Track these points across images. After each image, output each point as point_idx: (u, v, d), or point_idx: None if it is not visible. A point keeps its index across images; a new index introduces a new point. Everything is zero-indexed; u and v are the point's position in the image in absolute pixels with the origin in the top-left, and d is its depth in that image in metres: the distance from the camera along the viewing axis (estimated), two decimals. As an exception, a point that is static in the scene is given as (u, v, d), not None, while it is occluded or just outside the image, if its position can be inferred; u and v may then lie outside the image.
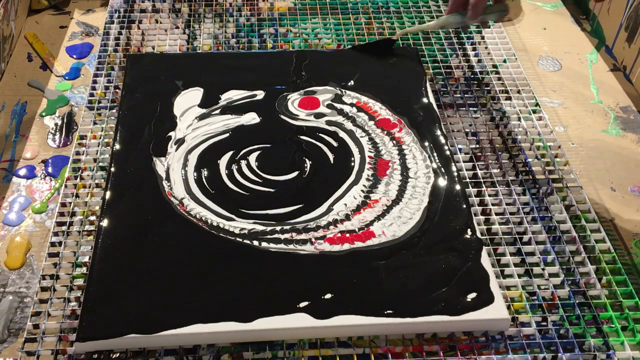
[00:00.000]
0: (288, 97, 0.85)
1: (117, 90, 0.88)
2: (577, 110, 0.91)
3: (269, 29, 1.00)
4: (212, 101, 0.84)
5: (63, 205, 0.73)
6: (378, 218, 0.70)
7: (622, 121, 0.90)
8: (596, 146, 0.86)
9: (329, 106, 0.84)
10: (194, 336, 0.60)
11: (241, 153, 0.77)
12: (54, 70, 0.96)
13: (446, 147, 0.78)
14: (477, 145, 0.81)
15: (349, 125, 0.81)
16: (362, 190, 0.73)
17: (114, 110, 0.85)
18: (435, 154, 0.77)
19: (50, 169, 0.81)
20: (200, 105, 0.83)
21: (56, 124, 0.87)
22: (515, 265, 0.69)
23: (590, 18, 1.08)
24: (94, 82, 0.89)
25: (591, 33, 1.06)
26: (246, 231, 0.68)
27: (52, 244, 0.70)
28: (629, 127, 0.89)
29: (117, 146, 0.77)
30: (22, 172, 0.80)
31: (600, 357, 0.61)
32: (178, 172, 0.75)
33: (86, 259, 0.68)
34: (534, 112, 0.86)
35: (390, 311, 0.62)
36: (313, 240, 0.68)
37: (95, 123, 0.83)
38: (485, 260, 0.66)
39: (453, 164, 0.76)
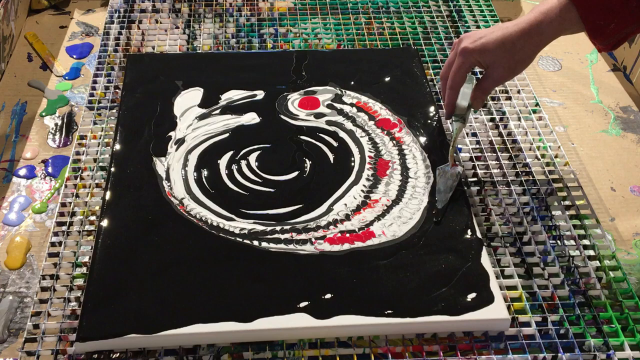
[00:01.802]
0: (288, 97, 0.85)
1: (117, 90, 0.88)
2: (577, 110, 0.91)
3: (269, 29, 1.00)
4: (212, 101, 0.84)
5: (63, 205, 0.73)
6: (378, 218, 0.70)
7: (622, 121, 0.90)
8: (596, 146, 0.86)
9: (329, 106, 0.84)
10: (194, 336, 0.60)
11: (241, 153, 0.77)
12: (54, 70, 0.96)
13: (446, 147, 0.78)
14: (477, 145, 0.81)
15: (349, 125, 0.81)
16: (362, 190, 0.73)
17: (114, 110, 0.85)
18: (435, 154, 0.77)
19: (50, 169, 0.81)
20: (200, 105, 0.83)
21: (56, 124, 0.87)
22: (515, 265, 0.69)
23: (590, 18, 1.08)
24: (94, 82, 0.89)
25: (591, 33, 1.06)
26: (246, 231, 0.68)
27: (52, 244, 0.70)
28: (629, 127, 0.89)
29: (117, 146, 0.77)
30: (22, 172, 0.80)
31: (600, 357, 0.61)
32: (178, 172, 0.75)
33: (86, 259, 0.68)
34: (534, 112, 0.86)
35: (390, 311, 0.62)
36: (313, 240, 0.68)
37: (95, 123, 0.83)
38: (485, 260, 0.66)
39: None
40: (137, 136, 0.79)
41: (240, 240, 0.68)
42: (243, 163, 0.76)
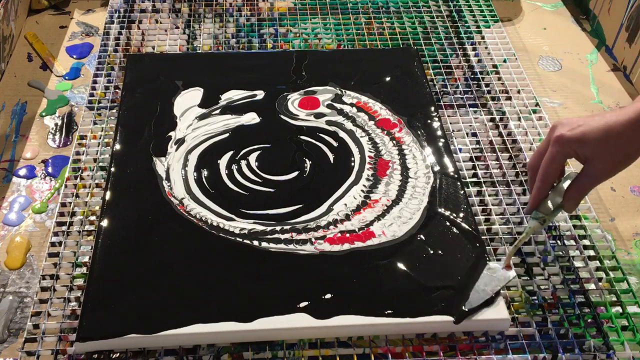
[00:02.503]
0: (288, 97, 0.85)
1: (117, 90, 0.88)
2: (577, 110, 0.91)
3: (269, 29, 1.00)
4: (212, 101, 0.84)
5: (63, 205, 0.73)
6: (378, 218, 0.70)
7: (622, 121, 0.90)
8: (596, 146, 0.86)
9: (329, 106, 0.84)
10: (194, 336, 0.60)
11: (241, 153, 0.77)
12: (54, 70, 0.96)
13: (446, 147, 0.78)
14: (477, 145, 0.81)
15: (349, 125, 0.81)
16: (362, 190, 0.73)
17: (114, 110, 0.85)
18: (435, 154, 0.77)
19: (50, 169, 0.81)
20: (200, 105, 0.83)
21: (56, 124, 0.87)
22: (515, 265, 0.69)
23: (590, 18, 1.08)
24: (94, 82, 0.89)
25: (591, 33, 1.06)
26: (246, 231, 0.68)
27: (52, 244, 0.70)
28: (629, 127, 0.89)
29: (117, 146, 0.77)
30: (22, 172, 0.80)
31: (600, 357, 0.61)
32: (178, 172, 0.75)
33: (86, 259, 0.68)
34: (534, 112, 0.86)
35: (390, 311, 0.62)
36: (313, 240, 0.68)
37: (95, 123, 0.83)
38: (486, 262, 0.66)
39: (453, 164, 0.76)
40: (137, 136, 0.79)
41: (240, 240, 0.68)
42: (243, 163, 0.76)
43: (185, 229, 0.69)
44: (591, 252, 0.70)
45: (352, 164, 0.76)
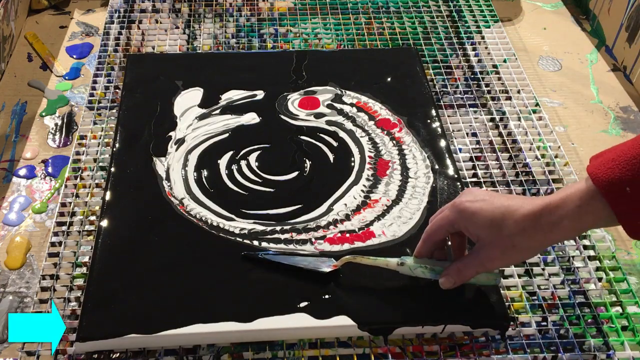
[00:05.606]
0: (288, 97, 0.85)
1: (117, 90, 0.88)
2: (577, 110, 0.91)
3: (269, 29, 1.00)
4: (212, 101, 0.84)
5: (63, 205, 0.73)
6: (378, 218, 0.70)
7: (622, 121, 0.90)
8: (596, 146, 0.86)
9: (329, 106, 0.84)
10: (194, 336, 0.60)
11: (241, 153, 0.77)
12: (54, 70, 0.96)
13: (446, 147, 0.78)
14: (477, 145, 0.81)
15: (349, 125, 0.81)
16: (362, 190, 0.73)
17: (114, 110, 0.85)
18: (435, 154, 0.77)
19: (50, 169, 0.81)
20: (200, 105, 0.83)
21: (56, 124, 0.87)
22: (515, 265, 0.69)
23: (590, 18, 1.08)
24: (94, 82, 0.89)
25: (591, 33, 1.06)
26: (246, 231, 0.68)
27: (52, 244, 0.70)
28: (629, 127, 0.89)
29: (117, 146, 0.77)
30: (22, 172, 0.80)
31: (600, 357, 0.61)
32: (178, 172, 0.75)
33: (86, 259, 0.68)
34: (534, 112, 0.86)
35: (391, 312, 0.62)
36: (313, 240, 0.68)
37: (95, 123, 0.83)
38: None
39: (453, 164, 0.76)
40: (137, 136, 0.79)
41: (240, 240, 0.68)
42: (243, 163, 0.76)
43: (185, 229, 0.69)
44: (591, 252, 0.70)
45: (352, 164, 0.76)
